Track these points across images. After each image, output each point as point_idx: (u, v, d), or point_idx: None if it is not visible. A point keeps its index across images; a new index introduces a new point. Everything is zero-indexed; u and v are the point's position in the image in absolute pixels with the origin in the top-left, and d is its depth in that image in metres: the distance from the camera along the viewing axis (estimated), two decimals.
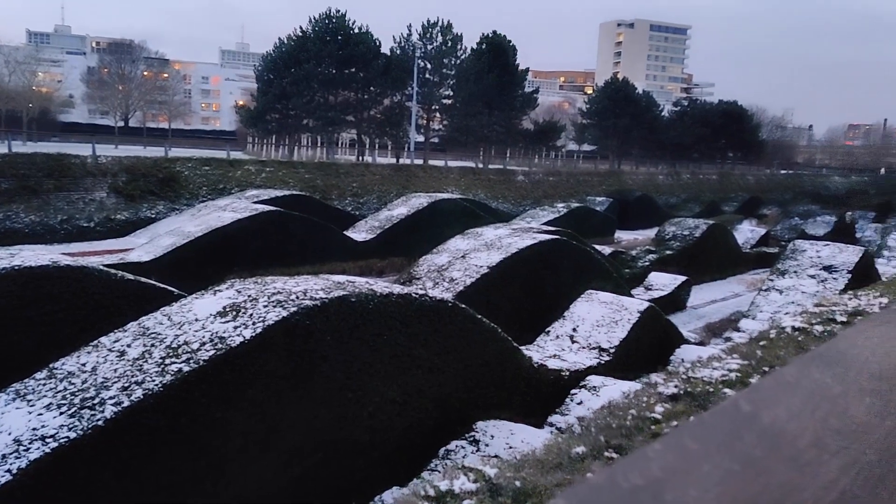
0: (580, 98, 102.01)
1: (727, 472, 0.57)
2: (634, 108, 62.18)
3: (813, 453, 0.62)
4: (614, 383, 9.53)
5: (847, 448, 0.64)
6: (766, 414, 0.70)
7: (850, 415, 0.71)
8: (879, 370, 0.89)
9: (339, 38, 44.35)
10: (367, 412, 7.39)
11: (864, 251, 17.84)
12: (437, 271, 13.40)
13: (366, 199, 32.53)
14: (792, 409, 0.72)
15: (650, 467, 0.58)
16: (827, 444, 0.64)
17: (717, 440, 0.63)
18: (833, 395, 0.75)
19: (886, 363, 0.92)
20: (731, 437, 0.63)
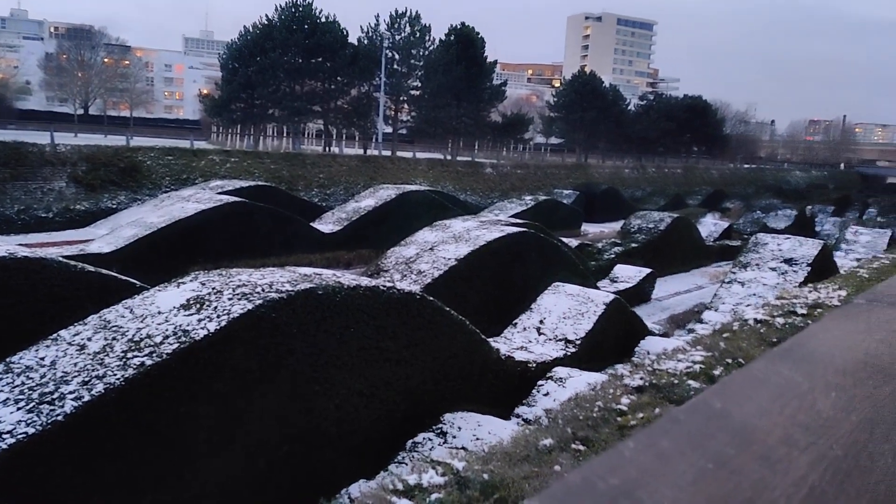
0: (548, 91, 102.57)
1: (700, 471, 0.57)
2: (601, 101, 62.72)
3: (783, 450, 0.62)
4: (580, 375, 9.63)
5: (815, 444, 0.64)
6: (736, 411, 0.70)
7: (817, 410, 0.72)
8: (843, 365, 0.90)
9: (306, 28, 43.82)
10: (334, 405, 7.35)
11: (823, 244, 18.28)
12: (406, 263, 13.37)
13: (333, 190, 32.27)
14: (762, 406, 0.72)
15: (624, 467, 0.58)
16: (796, 440, 0.64)
17: (689, 438, 0.63)
18: (801, 391, 0.76)
19: (850, 358, 0.94)
20: (703, 435, 0.64)
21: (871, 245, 27.94)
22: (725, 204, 49.66)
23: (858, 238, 29.71)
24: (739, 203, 49.55)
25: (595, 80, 64.55)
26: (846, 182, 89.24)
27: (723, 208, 47.20)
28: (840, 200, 53.11)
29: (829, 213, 43.96)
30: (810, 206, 45.26)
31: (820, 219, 41.21)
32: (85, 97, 62.96)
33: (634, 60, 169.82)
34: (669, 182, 59.20)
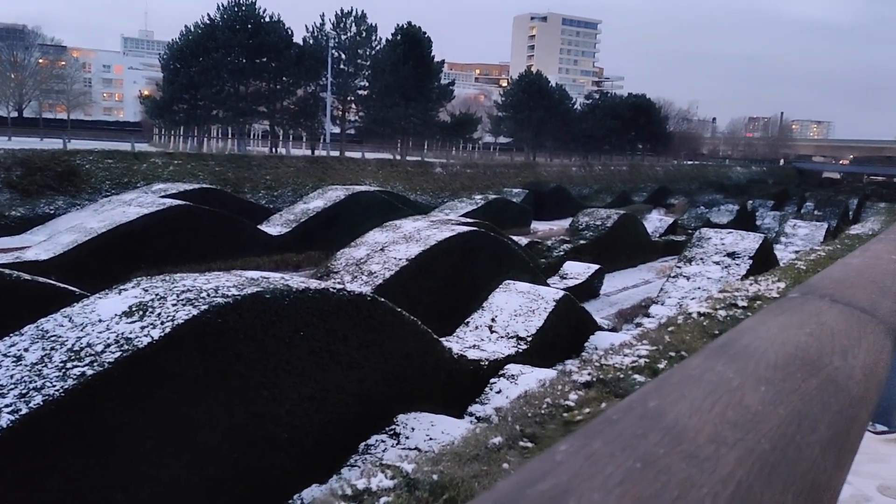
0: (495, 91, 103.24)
1: (629, 472, 0.57)
2: (548, 100, 63.45)
3: (712, 448, 0.62)
4: (532, 371, 9.73)
5: (743, 439, 0.65)
6: (669, 409, 0.70)
7: (747, 405, 0.73)
8: (774, 360, 0.92)
9: (249, 27, 43.05)
10: (284, 410, 7.25)
11: (763, 238, 18.87)
12: (356, 265, 13.27)
13: (280, 192, 31.81)
14: (694, 403, 0.73)
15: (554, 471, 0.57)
16: (725, 436, 0.65)
17: (621, 439, 0.63)
18: (732, 387, 0.77)
19: (781, 352, 0.96)
20: (634, 435, 0.64)
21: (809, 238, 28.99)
22: (670, 200, 50.85)
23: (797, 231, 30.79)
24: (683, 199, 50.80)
25: (542, 80, 65.27)
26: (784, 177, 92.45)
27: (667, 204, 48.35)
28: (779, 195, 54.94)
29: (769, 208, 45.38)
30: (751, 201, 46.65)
31: (760, 213, 42.52)
32: (19, 99, 60.51)
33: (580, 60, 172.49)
34: (616, 179, 60.32)
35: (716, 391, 0.78)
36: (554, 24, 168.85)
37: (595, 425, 0.66)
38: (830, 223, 34.42)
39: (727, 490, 0.59)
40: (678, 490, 0.57)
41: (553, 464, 0.59)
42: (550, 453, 0.61)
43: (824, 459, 0.71)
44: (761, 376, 0.84)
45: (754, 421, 0.70)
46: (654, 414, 0.69)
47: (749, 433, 0.68)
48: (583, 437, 0.63)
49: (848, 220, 39.00)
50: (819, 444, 0.72)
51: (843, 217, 41.59)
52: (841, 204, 47.61)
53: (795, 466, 0.66)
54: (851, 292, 1.45)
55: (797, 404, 0.78)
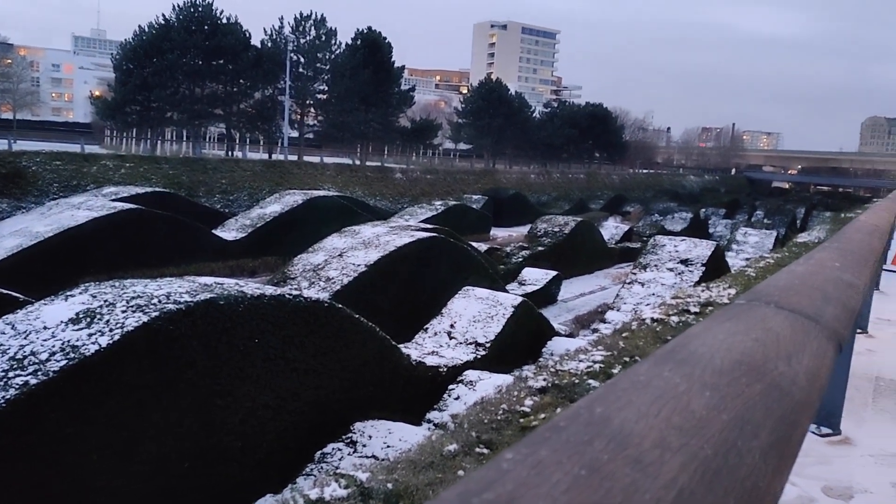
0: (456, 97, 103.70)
1: (574, 479, 0.57)
2: (508, 108, 63.96)
3: (656, 453, 0.63)
4: (490, 377, 9.75)
5: (687, 445, 0.66)
6: (616, 415, 0.71)
7: (692, 411, 0.73)
8: (721, 365, 0.93)
9: (206, 28, 42.37)
10: (238, 418, 7.11)
11: (715, 245, 19.31)
12: (313, 271, 13.14)
13: (236, 196, 31.31)
14: (640, 409, 0.73)
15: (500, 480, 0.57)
16: (669, 442, 0.65)
17: (567, 446, 0.63)
18: (678, 392, 0.78)
19: (728, 358, 0.97)
20: (581, 442, 0.63)
21: (759, 245, 29.75)
22: (626, 208, 51.65)
23: (747, 239, 31.56)
24: (639, 207, 51.65)
25: (501, 88, 65.79)
26: (736, 186, 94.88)
27: (623, 212, 49.11)
28: (731, 203, 56.30)
29: (721, 216, 46.42)
30: (704, 209, 47.66)
31: (713, 221, 43.48)
32: None
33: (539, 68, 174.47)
34: (573, 187, 61.07)
35: (662, 396, 0.78)
36: (514, 32, 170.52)
37: (542, 432, 0.66)
38: (779, 231, 35.43)
39: (670, 495, 0.59)
40: (622, 496, 0.57)
41: (498, 472, 0.58)
42: (496, 462, 0.60)
43: (765, 464, 0.72)
44: (707, 382, 0.85)
45: (698, 426, 0.71)
46: (601, 420, 0.70)
47: (693, 438, 0.68)
48: (529, 444, 0.63)
49: (796, 229, 40.21)
50: (760, 449, 0.73)
51: (791, 225, 42.86)
52: (789, 213, 49.09)
53: (736, 471, 0.67)
54: (796, 299, 1.48)
55: (740, 409, 0.79)
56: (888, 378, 5.10)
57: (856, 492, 3.25)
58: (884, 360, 5.56)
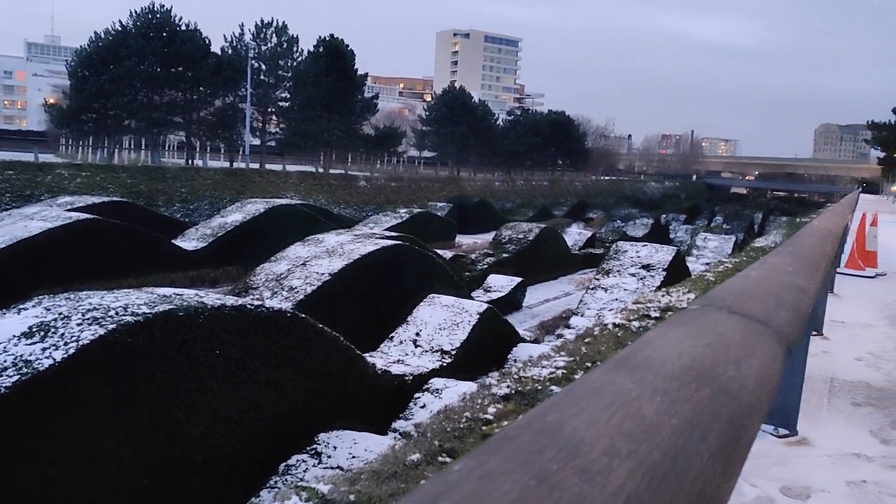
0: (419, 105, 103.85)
1: (523, 489, 0.56)
2: (471, 116, 64.31)
3: (605, 461, 0.63)
4: (456, 384, 9.74)
5: (636, 451, 0.66)
6: (567, 423, 0.71)
7: (642, 416, 0.74)
8: (672, 370, 0.94)
9: (164, 35, 41.73)
10: (199, 431, 6.97)
11: (676, 250, 19.61)
12: (276, 280, 12.98)
13: (197, 205, 30.82)
14: (592, 416, 0.73)
15: (448, 492, 0.56)
16: (619, 449, 0.66)
17: (518, 455, 0.62)
18: (629, 398, 0.78)
19: (679, 363, 0.98)
20: (531, 451, 0.63)
21: (718, 250, 30.31)
22: (589, 214, 52.24)
23: (707, 244, 32.11)
24: (601, 213, 52.29)
25: (465, 95, 66.12)
26: (695, 192, 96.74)
27: (586, 218, 49.66)
28: (691, 209, 57.30)
29: (681, 221, 47.19)
30: (665, 215, 48.41)
31: (674, 226, 44.16)
32: None
33: (502, 76, 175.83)
34: (537, 194, 61.58)
35: (614, 403, 0.79)
36: (476, 40, 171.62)
37: (493, 442, 0.66)
38: (738, 236, 36.14)
39: (617, 503, 0.59)
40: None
41: (446, 485, 0.58)
42: (445, 474, 0.60)
43: (713, 468, 0.73)
44: (658, 387, 0.86)
45: (648, 432, 0.72)
46: (553, 428, 0.70)
47: (642, 444, 0.69)
48: (479, 455, 0.63)
49: (754, 233, 41.09)
50: (708, 453, 0.74)
51: (749, 230, 43.80)
52: (747, 218, 50.22)
53: (684, 476, 0.68)
54: (749, 304, 1.51)
55: (690, 414, 0.80)
56: (842, 379, 5.23)
57: (813, 491, 3.32)
58: (838, 362, 5.71)
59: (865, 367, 5.61)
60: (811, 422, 4.19)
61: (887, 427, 4.24)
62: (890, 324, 7.48)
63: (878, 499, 3.28)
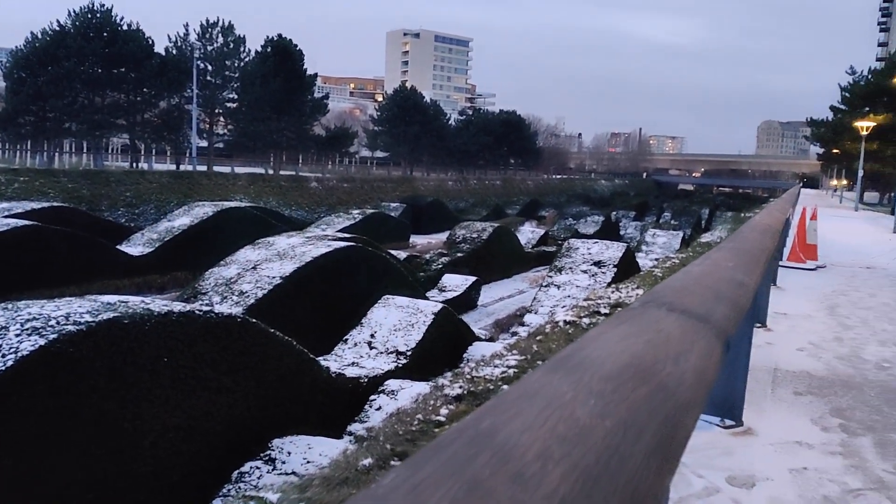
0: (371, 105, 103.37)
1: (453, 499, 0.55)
2: (423, 116, 64.30)
3: (538, 465, 0.62)
4: (411, 385, 9.71)
5: (570, 454, 0.66)
6: (501, 429, 0.70)
7: (577, 418, 0.74)
8: (610, 370, 0.94)
9: (105, 35, 40.52)
10: (147, 442, 6.79)
11: (626, 247, 19.95)
12: (226, 285, 12.74)
13: (142, 209, 30.02)
14: (526, 421, 0.73)
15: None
16: (552, 452, 0.65)
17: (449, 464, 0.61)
18: (565, 400, 0.78)
19: (618, 362, 0.98)
20: (463, 459, 0.62)
21: (667, 246, 30.97)
22: (541, 212, 52.78)
23: (656, 240, 32.79)
24: (553, 211, 52.90)
25: (416, 95, 66.10)
26: (644, 189, 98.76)
27: (539, 216, 50.17)
28: (640, 206, 58.38)
29: (631, 218, 48.02)
30: (615, 212, 49.17)
31: (623, 223, 44.92)
32: None
33: (453, 76, 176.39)
34: (490, 193, 61.94)
35: (550, 405, 0.78)
36: (427, 40, 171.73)
37: (424, 452, 0.65)
38: (685, 232, 37.00)
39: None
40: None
41: (374, 500, 0.57)
42: (373, 488, 0.58)
43: (647, 468, 0.73)
44: (594, 388, 0.86)
45: (582, 434, 0.72)
46: (487, 434, 0.69)
47: (576, 447, 0.68)
48: (409, 466, 0.62)
49: (700, 229, 42.12)
50: (643, 453, 0.74)
51: (696, 226, 44.88)
52: (694, 214, 51.46)
53: (617, 478, 0.68)
54: (689, 300, 1.54)
55: (625, 414, 0.80)
56: (785, 369, 5.40)
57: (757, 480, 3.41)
58: (781, 352, 5.88)
59: (807, 357, 5.80)
60: (756, 412, 4.31)
61: (827, 415, 4.38)
62: (829, 314, 7.76)
63: (818, 484, 3.38)
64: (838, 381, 5.14)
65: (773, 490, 3.29)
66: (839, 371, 5.41)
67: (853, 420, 4.31)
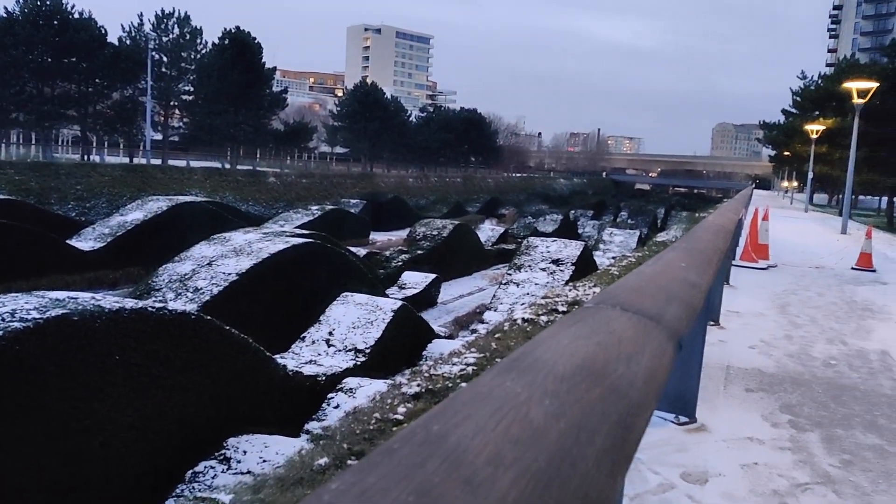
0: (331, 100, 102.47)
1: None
2: (384, 112, 63.97)
3: (489, 470, 0.61)
4: (370, 383, 9.65)
5: (521, 458, 0.65)
6: (452, 433, 0.69)
7: (530, 420, 0.73)
8: (563, 371, 0.94)
9: (55, 24, 39.25)
10: (98, 442, 6.61)
11: (584, 245, 20.20)
12: (180, 281, 12.48)
13: (93, 203, 29.20)
14: (478, 424, 0.72)
15: None
16: (504, 456, 0.64)
17: (398, 470, 0.60)
18: (518, 402, 0.77)
19: (570, 363, 0.98)
20: (413, 464, 0.61)
21: (624, 244, 31.44)
22: (501, 210, 53.10)
23: (613, 238, 33.26)
24: (513, 209, 53.27)
25: (377, 91, 65.71)
26: (602, 188, 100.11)
27: (499, 214, 50.46)
28: (598, 205, 59.21)
29: (589, 217, 48.63)
30: (573, 211, 49.76)
31: (582, 222, 45.46)
32: None
33: (414, 73, 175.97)
34: (451, 190, 62.02)
35: (502, 408, 0.77)
36: (388, 36, 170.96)
37: (373, 457, 0.63)
38: (642, 231, 37.64)
39: None
40: None
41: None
42: (318, 494, 0.57)
43: (598, 472, 0.73)
44: (548, 389, 0.85)
45: (535, 437, 0.71)
46: (437, 438, 0.68)
47: (528, 450, 0.68)
48: (357, 472, 0.60)
49: (656, 228, 42.92)
50: (594, 457, 0.74)
51: (652, 225, 45.72)
52: (650, 213, 52.45)
53: (569, 482, 0.67)
54: (641, 300, 1.55)
55: (578, 416, 0.80)
56: (737, 366, 5.52)
57: (710, 476, 3.47)
58: (733, 350, 6.02)
59: (758, 354, 5.95)
60: (709, 409, 4.39)
61: (777, 411, 4.50)
62: (780, 313, 7.97)
63: (768, 479, 3.47)
64: (788, 378, 5.28)
65: (726, 485, 3.36)
66: (789, 368, 5.56)
67: (801, 416, 4.43)
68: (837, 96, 40.84)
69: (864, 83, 23.51)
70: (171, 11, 45.55)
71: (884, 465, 3.72)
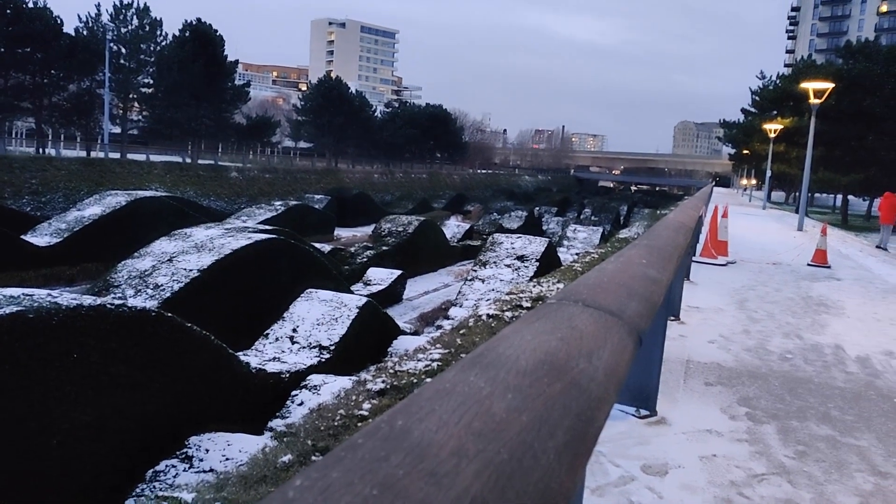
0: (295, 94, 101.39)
1: (364, 500, 0.55)
2: (348, 107, 63.49)
3: (452, 463, 0.62)
4: (335, 380, 9.61)
5: (484, 451, 0.66)
6: (416, 427, 0.70)
7: (492, 414, 0.74)
8: (525, 366, 0.95)
9: (8, 13, 38.04)
10: (55, 441, 6.46)
11: (548, 242, 20.38)
12: (140, 277, 12.25)
13: (49, 197, 28.47)
14: (442, 418, 0.73)
15: None
16: (467, 449, 0.65)
17: (362, 465, 0.61)
18: (481, 397, 0.79)
19: (533, 358, 0.99)
20: (377, 459, 0.62)
21: (587, 241, 31.80)
22: (466, 207, 53.24)
23: (577, 235, 33.61)
24: (479, 206, 53.44)
25: (342, 86, 65.17)
26: (566, 185, 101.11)
27: (464, 211, 50.59)
28: (562, 202, 59.77)
29: (553, 214, 49.08)
30: (538, 208, 50.14)
31: (546, 218, 45.85)
32: None
33: (379, 68, 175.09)
34: (416, 186, 61.95)
35: (466, 402, 0.79)
36: (353, 31, 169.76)
37: (336, 453, 0.64)
38: (605, 227, 38.12)
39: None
40: None
41: (284, 502, 0.55)
42: (282, 491, 0.57)
43: (559, 465, 0.75)
44: (510, 384, 0.87)
45: (497, 430, 0.72)
46: (400, 433, 0.68)
47: (491, 443, 0.69)
48: (321, 468, 0.60)
49: (619, 225, 43.53)
50: (555, 450, 0.76)
51: (615, 222, 46.34)
52: (614, 210, 53.16)
53: (530, 475, 0.69)
54: (602, 296, 1.58)
55: (540, 410, 0.81)
56: (697, 361, 5.64)
57: (670, 468, 3.54)
58: (693, 345, 6.14)
59: (717, 349, 6.08)
60: (669, 402, 4.48)
61: (734, 404, 4.61)
62: (739, 308, 8.16)
63: (726, 470, 3.56)
64: (745, 371, 5.41)
65: (685, 477, 3.44)
66: (746, 362, 5.70)
67: (758, 409, 4.55)
68: (795, 96, 41.83)
69: (821, 84, 24.13)
70: (130, 2, 44.54)
71: (836, 455, 3.85)
